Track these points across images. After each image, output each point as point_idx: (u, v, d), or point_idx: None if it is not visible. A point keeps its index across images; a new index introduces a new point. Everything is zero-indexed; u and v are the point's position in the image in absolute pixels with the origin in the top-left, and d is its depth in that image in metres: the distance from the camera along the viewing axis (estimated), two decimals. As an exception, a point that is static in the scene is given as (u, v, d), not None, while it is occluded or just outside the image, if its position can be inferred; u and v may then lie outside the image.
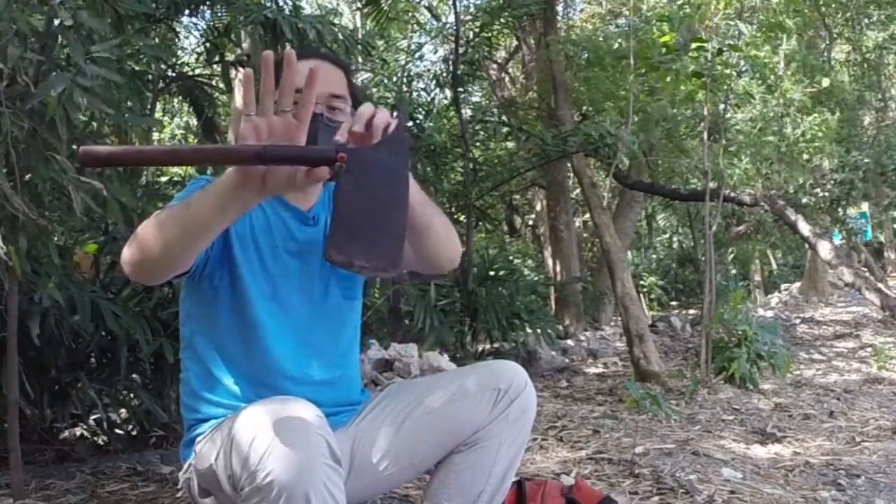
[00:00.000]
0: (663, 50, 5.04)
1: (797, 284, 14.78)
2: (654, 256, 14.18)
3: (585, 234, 11.49)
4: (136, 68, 2.80)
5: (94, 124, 2.52)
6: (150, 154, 1.06)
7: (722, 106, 5.60)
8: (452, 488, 1.44)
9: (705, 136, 5.31)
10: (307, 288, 1.46)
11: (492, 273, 5.23)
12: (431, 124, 5.79)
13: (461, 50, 5.87)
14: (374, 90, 6.72)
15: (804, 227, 6.03)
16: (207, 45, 3.72)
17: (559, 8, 9.01)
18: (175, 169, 4.48)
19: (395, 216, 1.03)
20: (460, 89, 6.02)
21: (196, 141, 7.17)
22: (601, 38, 6.93)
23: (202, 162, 1.08)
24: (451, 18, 6.47)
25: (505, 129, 7.61)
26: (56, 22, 1.80)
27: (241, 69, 3.27)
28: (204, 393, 1.41)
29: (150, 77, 2.98)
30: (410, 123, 5.56)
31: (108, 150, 1.04)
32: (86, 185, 1.81)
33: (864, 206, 13.09)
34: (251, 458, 1.09)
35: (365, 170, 1.00)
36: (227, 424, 1.23)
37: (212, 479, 1.25)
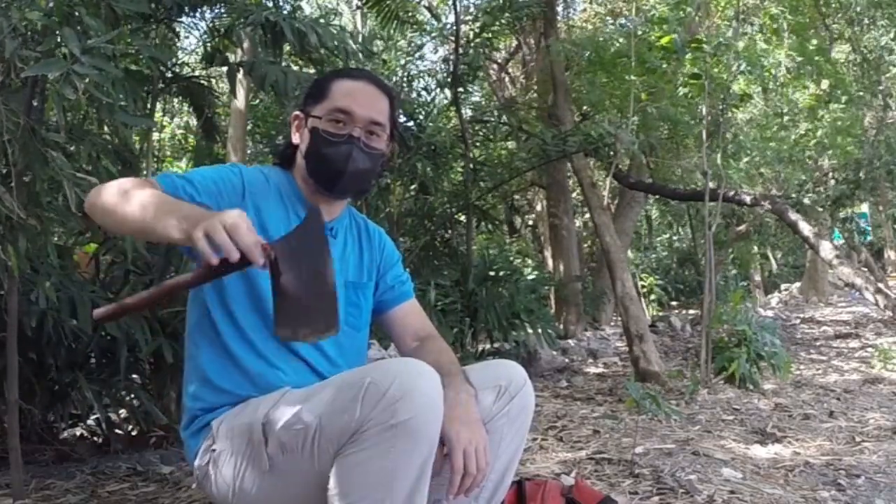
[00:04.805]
0: (662, 53, 5.05)
1: (797, 284, 14.79)
2: (654, 256, 14.17)
3: (585, 234, 11.48)
4: (133, 68, 2.80)
5: (93, 126, 2.53)
6: (145, 298, 1.21)
7: (721, 106, 5.61)
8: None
9: (704, 136, 5.31)
10: None
11: (492, 273, 5.23)
12: (431, 124, 5.79)
13: (461, 50, 5.86)
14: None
15: (804, 227, 6.02)
16: (208, 46, 3.72)
17: (559, 8, 9.00)
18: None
19: (322, 287, 1.19)
20: (460, 89, 6.01)
21: (196, 140, 7.19)
22: (601, 39, 6.92)
23: (174, 293, 1.24)
24: (451, 18, 6.47)
25: (505, 129, 7.61)
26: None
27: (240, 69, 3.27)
28: (216, 378, 1.42)
29: (149, 77, 2.98)
30: (410, 123, 5.56)
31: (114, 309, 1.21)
32: (82, 182, 1.81)
33: (864, 207, 13.10)
34: (391, 397, 1.18)
35: (289, 256, 1.16)
36: (342, 378, 1.28)
37: (301, 437, 1.26)
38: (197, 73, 4.84)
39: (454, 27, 6.03)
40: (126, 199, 1.24)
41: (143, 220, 1.21)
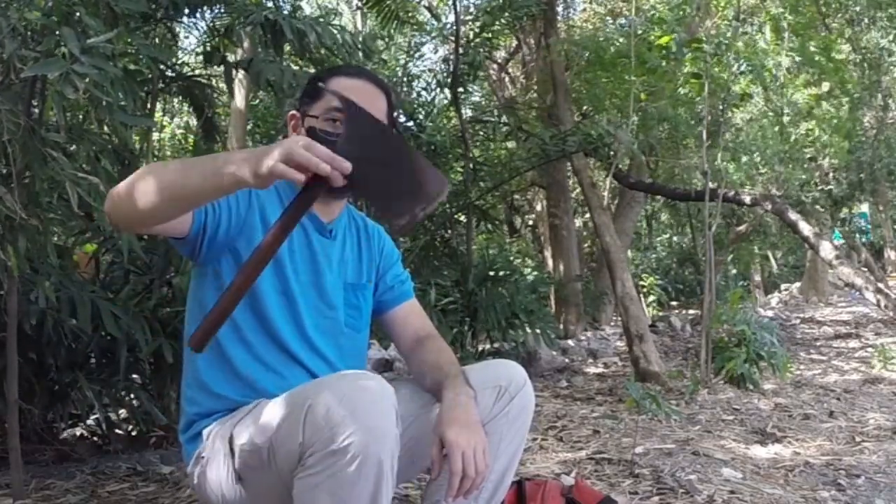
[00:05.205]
0: (661, 52, 5.06)
1: (797, 284, 14.80)
2: (654, 256, 14.17)
3: (585, 234, 11.48)
4: (133, 68, 2.80)
5: (93, 126, 2.52)
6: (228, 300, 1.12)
7: (721, 106, 5.61)
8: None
9: (704, 135, 5.32)
10: (316, 296, 1.48)
11: (492, 273, 5.23)
12: (431, 124, 5.79)
13: (461, 50, 5.87)
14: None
15: (805, 227, 6.02)
16: (207, 45, 3.72)
17: (559, 8, 9.00)
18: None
19: (404, 159, 1.12)
20: (460, 89, 6.01)
21: (196, 140, 7.19)
22: (601, 39, 6.93)
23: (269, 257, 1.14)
24: (451, 18, 6.47)
25: (505, 129, 7.61)
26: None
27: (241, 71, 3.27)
28: (212, 382, 1.41)
29: (148, 76, 2.98)
30: (410, 123, 5.57)
31: (204, 324, 1.13)
32: (83, 182, 1.81)
33: (864, 207, 13.10)
34: (330, 421, 1.12)
35: (359, 156, 1.08)
36: (290, 398, 1.23)
37: (257, 457, 1.25)
38: (197, 72, 4.84)
39: (454, 27, 6.03)
40: (157, 174, 1.17)
41: (186, 181, 1.13)
